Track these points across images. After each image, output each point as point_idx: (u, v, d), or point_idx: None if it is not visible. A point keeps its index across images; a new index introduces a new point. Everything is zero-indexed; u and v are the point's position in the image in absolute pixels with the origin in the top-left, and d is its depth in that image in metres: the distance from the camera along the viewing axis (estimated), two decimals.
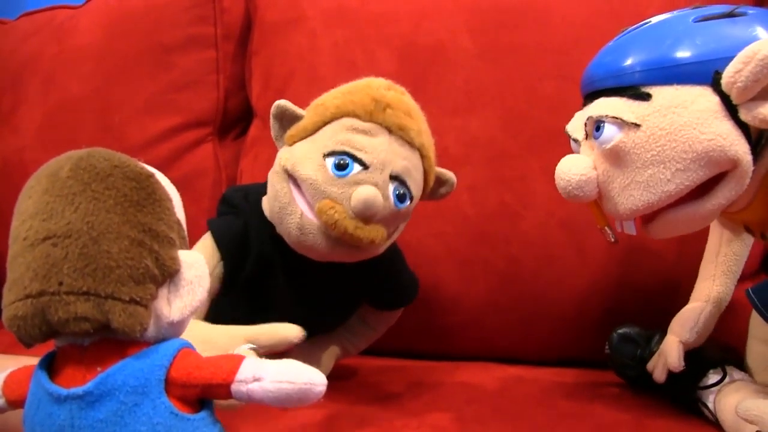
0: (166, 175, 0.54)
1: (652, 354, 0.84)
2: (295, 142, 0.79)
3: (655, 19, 0.68)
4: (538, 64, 1.01)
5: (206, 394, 0.49)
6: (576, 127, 0.72)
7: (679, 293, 0.91)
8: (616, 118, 0.64)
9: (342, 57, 1.09)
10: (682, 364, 0.78)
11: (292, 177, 0.76)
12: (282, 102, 0.79)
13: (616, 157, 0.65)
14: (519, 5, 1.05)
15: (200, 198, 1.19)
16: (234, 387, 0.47)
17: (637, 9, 0.98)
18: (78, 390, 0.47)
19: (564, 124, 0.82)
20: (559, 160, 0.94)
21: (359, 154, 0.74)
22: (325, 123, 0.78)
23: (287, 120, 0.80)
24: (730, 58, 0.59)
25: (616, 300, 0.97)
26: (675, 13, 0.67)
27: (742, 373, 0.80)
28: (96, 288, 0.46)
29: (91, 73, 1.26)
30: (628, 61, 0.65)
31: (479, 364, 0.99)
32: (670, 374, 0.81)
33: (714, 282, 0.83)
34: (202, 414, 0.49)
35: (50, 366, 0.50)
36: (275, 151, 1.12)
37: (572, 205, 0.96)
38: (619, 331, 0.88)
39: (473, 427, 0.76)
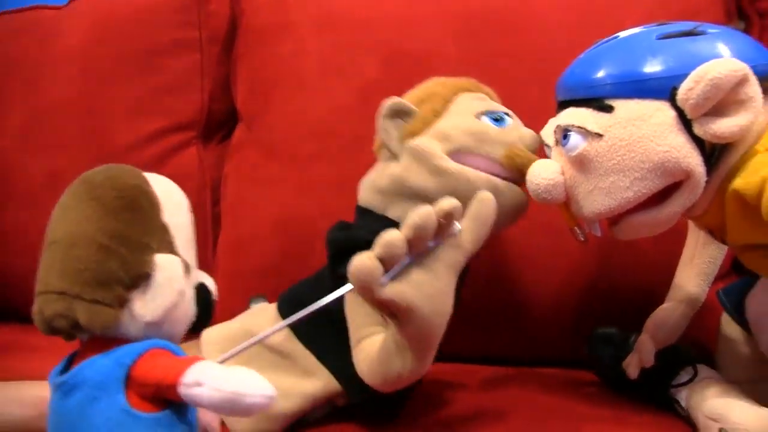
0: None
1: (629, 354, 0.86)
2: (420, 133, 0.79)
3: (623, 34, 0.72)
4: (522, 70, 1.03)
5: (160, 393, 0.51)
6: (548, 133, 0.75)
7: (654, 295, 0.93)
8: (581, 127, 0.68)
9: (328, 63, 1.11)
10: (652, 360, 0.81)
11: (456, 153, 0.77)
12: (396, 100, 0.80)
13: (580, 164, 0.69)
14: (502, 13, 1.07)
15: None
16: (180, 390, 0.49)
17: (617, 17, 1.01)
18: (61, 378, 0.52)
19: None
20: None
21: (502, 110, 0.82)
22: (448, 103, 0.81)
23: (402, 116, 0.81)
24: (686, 75, 0.63)
25: (595, 302, 0.99)
26: (641, 28, 0.71)
27: (712, 371, 0.82)
28: (68, 289, 0.51)
29: (75, 76, 1.26)
30: (596, 74, 0.69)
31: (461, 365, 1.00)
32: (646, 373, 0.83)
33: (689, 283, 0.86)
34: (160, 414, 0.52)
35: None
36: (260, 154, 1.15)
37: (552, 209, 0.99)
38: (598, 332, 0.91)
39: (455, 426, 0.78)
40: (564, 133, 0.70)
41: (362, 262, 0.59)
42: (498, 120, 0.80)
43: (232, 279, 1.08)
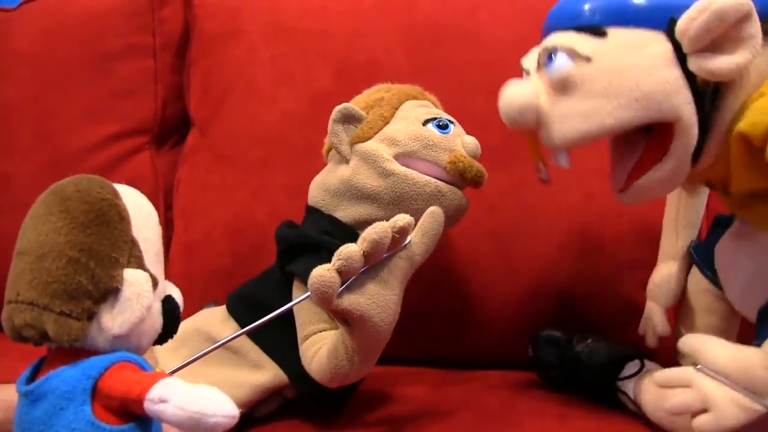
0: None
1: (573, 355, 0.88)
2: (370, 137, 0.83)
3: None
4: (468, 81, 1.05)
5: (126, 407, 0.51)
6: (530, 59, 0.73)
7: (595, 298, 0.96)
8: (570, 48, 0.65)
9: (280, 71, 1.12)
10: (668, 328, 0.84)
11: (402, 157, 0.81)
12: (346, 105, 0.83)
13: (563, 86, 0.66)
14: (451, 25, 1.09)
15: None
16: (145, 405, 0.49)
17: None
18: (27, 388, 0.52)
19: (493, 139, 0.87)
20: (488, 173, 0.99)
21: (446, 117, 0.86)
22: (395, 109, 0.85)
23: (351, 121, 0.84)
24: (687, 7, 0.61)
25: (538, 305, 1.01)
26: None
27: (656, 364, 0.84)
28: (37, 299, 0.51)
29: (27, 78, 1.25)
30: (587, 5, 0.67)
31: (408, 368, 1.02)
32: (593, 370, 0.85)
33: (678, 239, 0.86)
34: (126, 427, 0.52)
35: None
36: (212, 159, 1.15)
37: (500, 216, 1.01)
38: (542, 334, 0.92)
39: (403, 428, 0.80)
40: (549, 55, 0.67)
41: (322, 274, 0.63)
42: (442, 127, 0.84)
43: (184, 282, 1.05)
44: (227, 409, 0.49)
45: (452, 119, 0.87)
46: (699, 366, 0.66)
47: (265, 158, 1.10)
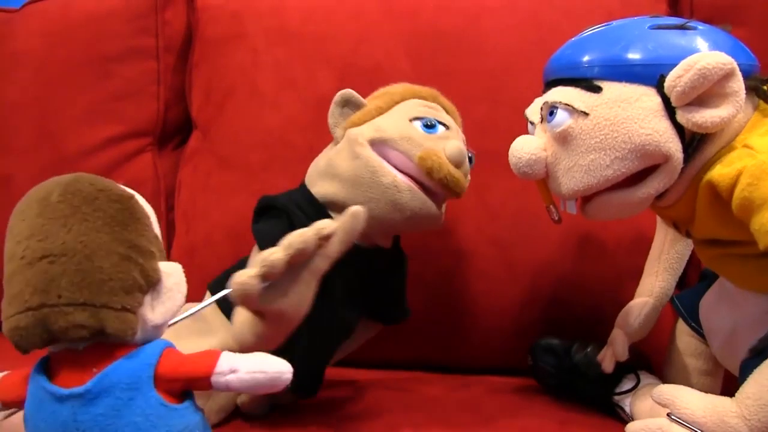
0: None
1: (572, 363, 0.89)
2: (361, 124, 0.85)
3: (615, 23, 0.74)
4: (470, 88, 1.06)
5: (189, 386, 0.55)
6: (533, 111, 0.76)
7: (596, 307, 0.97)
8: (568, 105, 0.70)
9: (283, 74, 1.12)
10: (626, 354, 0.84)
11: (377, 145, 0.82)
12: (348, 90, 0.86)
13: (564, 140, 0.71)
14: (455, 32, 1.09)
15: None
16: (213, 379, 0.54)
17: (564, 39, 1.04)
18: (78, 389, 0.53)
19: (495, 146, 0.87)
20: (489, 179, 1.00)
21: (440, 118, 0.84)
22: (395, 103, 0.86)
23: (351, 107, 0.86)
24: (675, 65, 0.65)
25: (540, 312, 1.02)
26: (634, 18, 0.73)
27: (654, 377, 0.86)
28: (92, 299, 0.52)
29: (29, 79, 1.25)
30: (586, 57, 0.71)
31: (413, 373, 1.03)
32: (590, 382, 0.87)
33: (657, 278, 0.88)
34: (186, 404, 0.56)
35: (46, 370, 0.56)
36: (214, 162, 1.16)
37: (502, 223, 1.02)
38: (541, 342, 0.93)
39: (399, 429, 0.80)
40: (550, 110, 0.72)
41: (244, 282, 0.64)
42: (429, 126, 0.84)
43: None
44: (289, 366, 0.55)
45: (449, 125, 0.86)
46: (671, 414, 0.68)
47: (266, 162, 1.10)
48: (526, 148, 0.73)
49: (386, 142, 0.82)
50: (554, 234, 1.01)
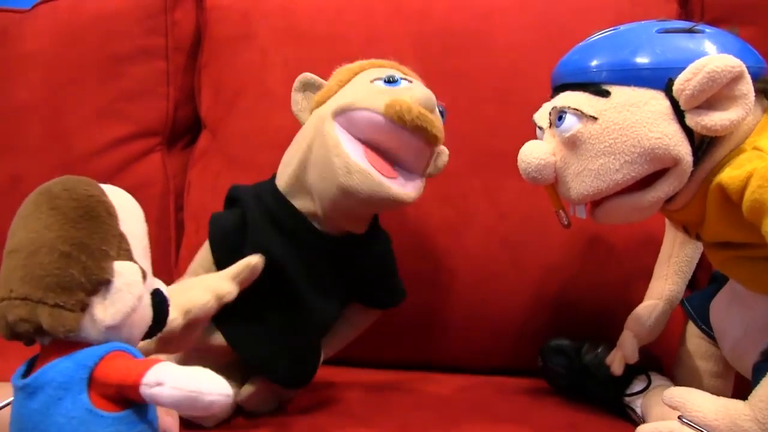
0: (113, 184, 0.60)
1: (582, 364, 0.89)
2: (324, 102, 0.83)
3: (622, 27, 0.73)
4: (480, 88, 1.06)
5: (122, 393, 0.53)
6: (542, 116, 0.76)
7: (608, 309, 0.96)
8: (577, 110, 0.69)
9: (292, 74, 1.09)
10: (636, 356, 0.83)
11: (342, 114, 0.79)
12: (305, 74, 0.86)
13: (573, 145, 0.70)
14: (464, 32, 1.09)
15: (148, 207, 1.13)
16: (141, 389, 0.52)
17: (575, 39, 1.04)
18: (20, 382, 0.53)
19: (504, 146, 0.86)
20: (499, 180, 0.99)
21: (403, 74, 0.82)
22: (355, 74, 0.84)
23: (312, 89, 0.86)
24: (683, 68, 0.65)
25: (550, 313, 1.01)
26: (641, 23, 0.73)
27: (664, 378, 0.86)
28: (30, 294, 0.52)
29: (39, 80, 1.26)
30: (594, 62, 0.71)
31: (423, 374, 1.03)
32: (600, 383, 0.87)
33: (666, 281, 0.88)
34: (123, 413, 0.54)
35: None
36: (224, 161, 1.16)
37: (512, 223, 1.01)
38: (551, 343, 0.93)
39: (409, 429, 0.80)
40: (559, 115, 0.71)
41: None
42: (390, 81, 0.81)
43: None
44: (222, 388, 0.51)
45: (412, 79, 0.83)
46: (682, 417, 0.68)
47: (276, 161, 1.09)
48: (535, 153, 0.72)
49: (350, 107, 0.79)
50: (564, 235, 0.99)
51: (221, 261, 0.82)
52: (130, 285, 0.55)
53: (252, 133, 1.14)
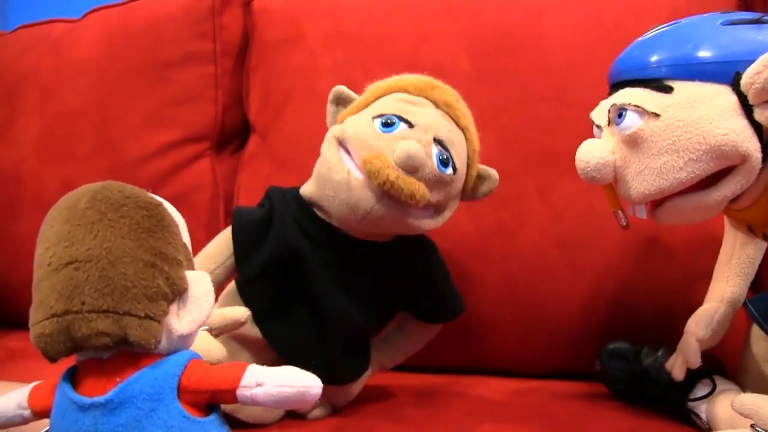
0: (163, 189, 0.59)
1: (642, 368, 0.87)
2: (343, 120, 0.83)
3: (683, 20, 0.71)
4: (533, 87, 1.04)
5: (214, 399, 0.54)
6: (600, 113, 0.74)
7: (668, 310, 0.94)
8: (638, 106, 0.67)
9: (342, 76, 1.11)
10: (699, 361, 0.80)
11: (342, 143, 0.80)
12: (340, 87, 0.86)
13: (634, 143, 0.68)
14: (516, 30, 1.08)
15: (198, 212, 1.20)
16: (239, 392, 0.53)
17: (625, 36, 1.02)
18: (100, 399, 0.52)
19: (558, 145, 0.85)
20: (553, 180, 0.98)
21: (405, 116, 0.79)
22: (377, 98, 0.83)
23: (342, 103, 0.86)
24: (751, 61, 0.62)
25: (608, 315, 0.99)
26: (703, 15, 0.70)
27: (730, 382, 0.83)
28: (114, 306, 0.51)
29: (89, 87, 1.27)
30: (654, 57, 0.69)
31: (477, 378, 1.02)
32: (661, 387, 0.84)
33: (728, 283, 0.85)
34: (211, 417, 0.54)
35: (73, 379, 0.55)
36: (273, 166, 1.16)
37: (567, 224, 1.00)
38: (609, 347, 0.91)
39: None
40: (619, 112, 0.69)
41: None
42: (387, 125, 0.78)
43: None
44: (318, 382, 0.54)
45: (415, 122, 0.78)
46: (755, 425, 0.65)
47: None
48: (593, 152, 0.70)
49: (346, 141, 0.79)
50: (620, 235, 0.98)
51: (239, 253, 0.84)
52: (206, 293, 0.56)
53: (301, 136, 1.14)
